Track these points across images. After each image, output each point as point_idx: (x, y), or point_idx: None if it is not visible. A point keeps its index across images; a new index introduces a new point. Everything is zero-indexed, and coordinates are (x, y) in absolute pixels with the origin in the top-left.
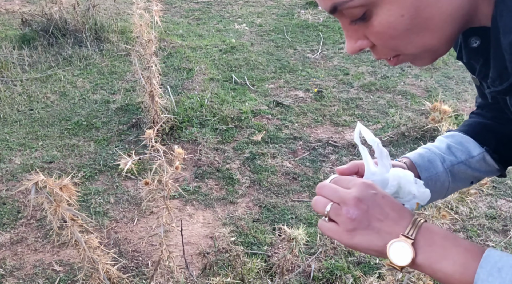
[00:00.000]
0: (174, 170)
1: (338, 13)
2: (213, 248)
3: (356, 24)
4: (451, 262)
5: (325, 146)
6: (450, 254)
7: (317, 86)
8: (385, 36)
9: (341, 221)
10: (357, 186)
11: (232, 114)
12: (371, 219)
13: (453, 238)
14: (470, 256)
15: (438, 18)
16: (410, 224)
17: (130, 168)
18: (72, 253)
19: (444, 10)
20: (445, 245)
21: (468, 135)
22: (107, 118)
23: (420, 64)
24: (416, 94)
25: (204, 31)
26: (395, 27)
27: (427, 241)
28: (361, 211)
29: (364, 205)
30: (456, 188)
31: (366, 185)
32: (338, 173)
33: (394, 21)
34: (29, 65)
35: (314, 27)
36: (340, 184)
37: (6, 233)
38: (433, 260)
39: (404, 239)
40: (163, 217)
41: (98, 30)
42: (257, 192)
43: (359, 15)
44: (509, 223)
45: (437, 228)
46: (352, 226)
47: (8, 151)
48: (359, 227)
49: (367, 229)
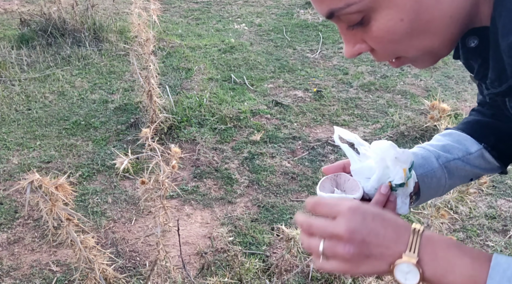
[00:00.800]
0: (171, 169)
1: (335, 19)
2: (211, 248)
3: (353, 29)
4: (459, 275)
5: (324, 146)
6: (456, 266)
7: (316, 86)
8: (384, 41)
9: (340, 259)
10: (344, 215)
11: (231, 114)
12: (370, 247)
13: (456, 247)
14: (477, 267)
15: (439, 21)
16: (409, 236)
17: (127, 168)
18: (69, 253)
19: (444, 12)
20: (449, 257)
21: (466, 133)
22: (106, 118)
23: (422, 66)
24: (415, 94)
25: (203, 31)
26: (395, 32)
27: (430, 256)
28: (358, 243)
29: (359, 235)
30: (454, 184)
31: (352, 211)
32: (325, 172)
33: (394, 26)
34: (28, 65)
35: (313, 27)
36: (323, 211)
37: (3, 233)
38: (440, 275)
39: (408, 259)
40: (160, 216)
41: (96, 30)
42: (256, 192)
43: (357, 20)
44: (509, 223)
45: (438, 237)
46: (353, 260)
47: (5, 151)
48: (360, 259)
49: (369, 258)
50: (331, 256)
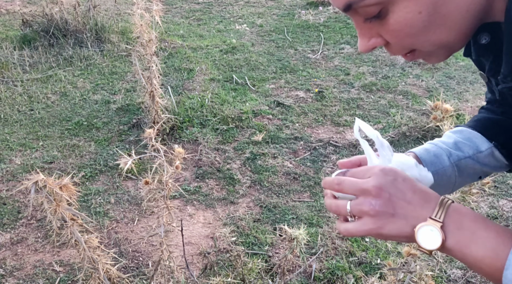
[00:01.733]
0: (175, 169)
1: (352, 11)
2: (213, 248)
3: (370, 22)
4: (482, 246)
5: (326, 146)
6: (481, 238)
7: (318, 86)
8: (402, 34)
9: (366, 215)
10: (375, 174)
11: (232, 115)
12: (396, 206)
13: (483, 221)
14: (501, 241)
15: (456, 14)
16: (437, 205)
17: (130, 168)
18: (72, 253)
19: (461, 6)
20: (475, 229)
21: (477, 131)
22: (108, 118)
23: (435, 61)
24: (417, 94)
25: (205, 32)
26: (412, 25)
27: (456, 224)
28: (384, 199)
29: (386, 193)
30: (463, 182)
31: (384, 172)
32: (340, 166)
33: (412, 19)
34: (30, 66)
35: (314, 28)
36: (357, 175)
37: (7, 233)
38: (462, 244)
39: (433, 223)
40: (163, 216)
41: (98, 31)
42: (258, 192)
43: (375, 13)
44: (510, 223)
45: (466, 209)
46: (378, 218)
47: (8, 151)
48: (386, 216)
49: (394, 217)
50: (357, 214)
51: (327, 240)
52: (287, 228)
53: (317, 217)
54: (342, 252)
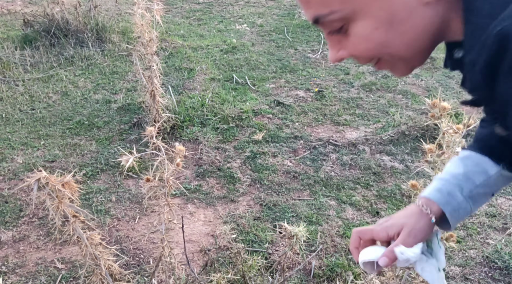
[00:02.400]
0: (175, 167)
1: (320, 25)
2: (214, 246)
3: (333, 35)
4: None
5: (326, 145)
6: None
7: (318, 86)
8: (361, 48)
9: None
10: None
11: (233, 114)
12: None
13: None
14: None
15: (411, 33)
16: None
17: (131, 166)
18: (74, 251)
19: (417, 25)
20: None
21: (484, 154)
22: (109, 117)
23: (399, 74)
24: (416, 94)
25: (205, 32)
26: (371, 40)
27: None
28: None
29: None
30: (478, 207)
31: None
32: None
33: (370, 34)
34: (31, 66)
35: (314, 28)
36: None
37: (9, 231)
38: None
39: None
40: (164, 213)
41: (99, 31)
42: (258, 191)
43: (337, 27)
44: (509, 221)
45: None
46: None
47: (10, 150)
48: None
49: None
50: None
51: (327, 237)
52: (287, 226)
53: (316, 215)
54: (342, 249)
